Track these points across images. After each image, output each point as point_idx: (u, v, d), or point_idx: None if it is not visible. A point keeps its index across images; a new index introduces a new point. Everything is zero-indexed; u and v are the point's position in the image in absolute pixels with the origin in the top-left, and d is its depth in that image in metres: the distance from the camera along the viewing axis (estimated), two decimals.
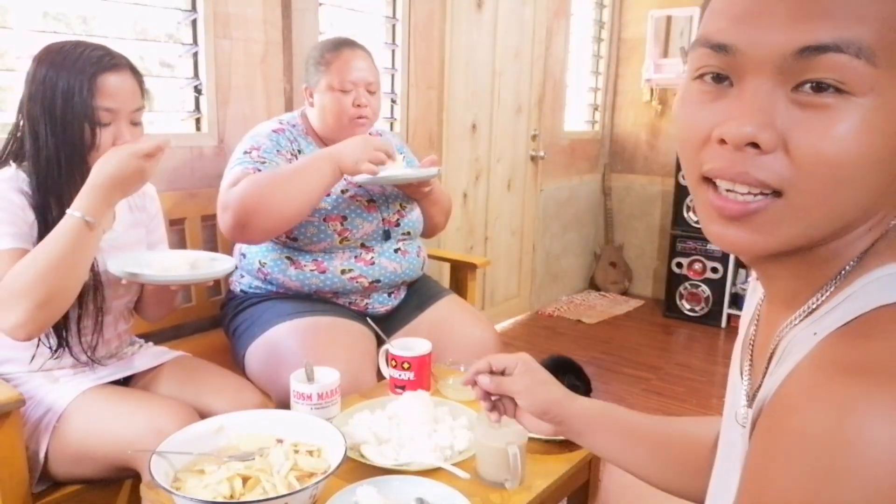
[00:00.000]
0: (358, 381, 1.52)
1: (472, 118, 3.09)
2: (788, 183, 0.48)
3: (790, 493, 0.41)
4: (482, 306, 3.35)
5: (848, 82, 0.45)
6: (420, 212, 1.91)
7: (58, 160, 1.22)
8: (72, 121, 1.21)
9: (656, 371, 2.99)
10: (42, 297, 1.13)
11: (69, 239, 1.15)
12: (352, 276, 1.74)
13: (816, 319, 0.51)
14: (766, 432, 0.47)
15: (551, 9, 3.45)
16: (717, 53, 0.50)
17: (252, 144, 1.70)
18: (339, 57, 1.74)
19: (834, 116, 0.46)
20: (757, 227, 0.50)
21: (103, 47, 1.26)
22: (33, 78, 1.22)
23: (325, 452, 1.11)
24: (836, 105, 0.46)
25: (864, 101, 0.46)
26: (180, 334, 1.95)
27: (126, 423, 1.22)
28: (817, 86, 0.46)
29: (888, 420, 0.38)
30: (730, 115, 0.49)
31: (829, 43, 0.45)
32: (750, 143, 0.48)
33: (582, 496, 1.31)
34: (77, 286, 1.20)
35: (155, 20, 1.93)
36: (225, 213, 1.59)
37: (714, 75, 0.51)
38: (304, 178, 1.58)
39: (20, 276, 1.13)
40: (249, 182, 1.58)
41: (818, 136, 0.46)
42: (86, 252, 1.19)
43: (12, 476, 1.15)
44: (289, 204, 1.57)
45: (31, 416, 1.25)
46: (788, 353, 0.52)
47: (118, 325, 1.42)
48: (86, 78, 1.20)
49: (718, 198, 0.51)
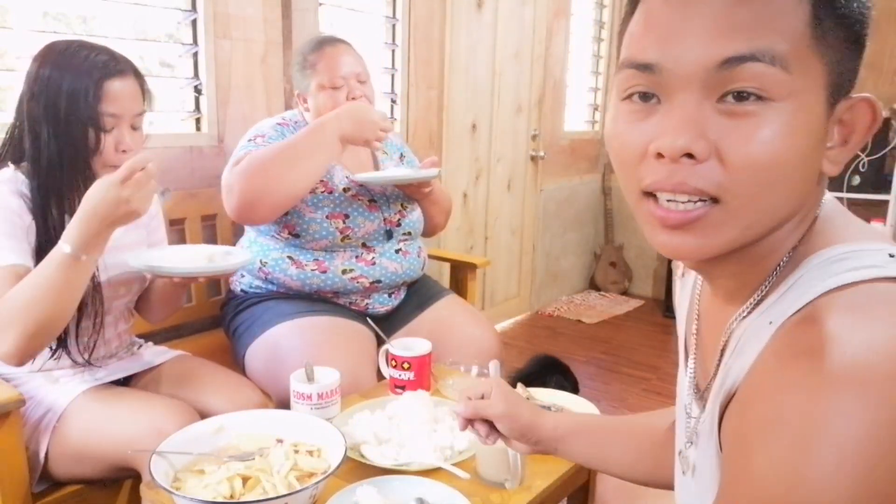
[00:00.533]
0: (358, 381, 1.52)
1: (472, 118, 3.09)
2: (724, 189, 0.51)
3: (770, 474, 0.44)
4: (482, 306, 3.35)
5: (767, 89, 0.49)
6: (420, 212, 1.92)
7: (60, 163, 1.21)
8: (75, 124, 1.20)
9: (656, 371, 2.99)
10: (31, 328, 1.12)
11: (60, 273, 1.12)
12: (353, 276, 1.74)
13: (766, 310, 0.55)
14: (740, 421, 0.50)
15: (551, 9, 3.45)
16: (643, 73, 0.54)
17: (256, 133, 1.71)
18: (322, 56, 1.74)
19: (758, 122, 0.50)
20: (699, 233, 0.53)
21: (107, 50, 1.25)
22: (35, 77, 1.21)
23: (325, 452, 1.11)
24: (758, 111, 0.50)
25: (783, 105, 0.50)
26: (180, 334, 1.95)
27: (126, 423, 1.22)
28: (739, 95, 0.50)
29: (853, 394, 0.42)
30: (663, 130, 0.52)
31: (747, 53, 0.49)
32: (685, 154, 0.51)
33: (582, 496, 1.31)
34: (68, 316, 1.18)
35: (155, 20, 1.93)
36: (230, 195, 1.58)
37: (642, 94, 0.55)
38: (306, 153, 1.58)
39: (10, 306, 1.12)
40: (252, 160, 1.57)
41: (747, 142, 0.50)
42: (76, 284, 1.16)
43: (12, 476, 1.15)
44: (295, 177, 1.56)
45: (31, 417, 1.25)
46: (744, 344, 0.55)
47: (118, 326, 1.42)
48: (92, 83, 1.19)
49: (660, 209, 0.54)
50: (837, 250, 0.52)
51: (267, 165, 1.55)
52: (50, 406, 1.25)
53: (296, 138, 1.61)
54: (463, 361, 1.59)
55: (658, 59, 0.52)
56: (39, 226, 1.21)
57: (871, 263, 0.49)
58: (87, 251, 1.13)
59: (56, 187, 1.22)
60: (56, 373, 1.31)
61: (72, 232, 1.12)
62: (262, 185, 1.55)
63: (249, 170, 1.56)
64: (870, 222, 3.38)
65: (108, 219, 1.13)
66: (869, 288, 0.48)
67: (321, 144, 1.60)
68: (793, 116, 0.50)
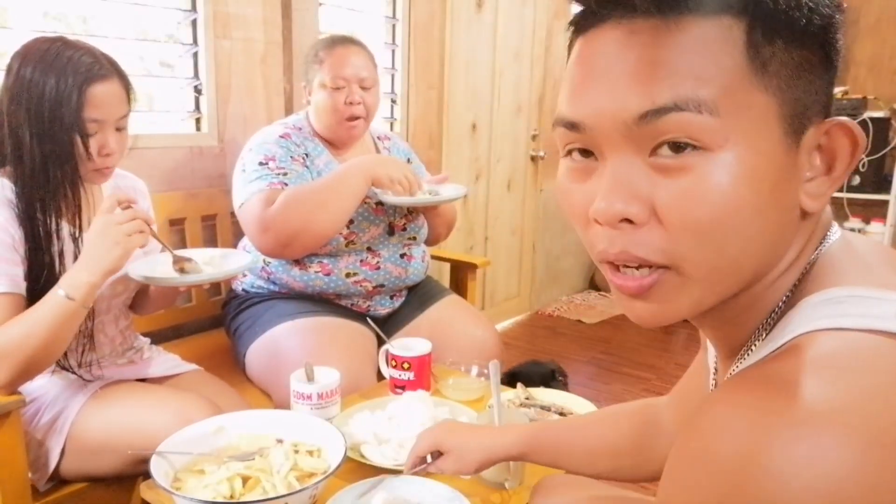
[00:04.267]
0: (358, 381, 1.52)
1: (472, 118, 3.09)
2: (669, 255, 0.46)
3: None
4: (482, 306, 3.35)
5: (700, 139, 0.44)
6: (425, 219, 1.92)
7: (44, 170, 1.19)
8: (59, 131, 1.17)
9: (656, 371, 2.99)
10: (22, 365, 1.13)
11: (55, 316, 1.14)
12: (356, 279, 1.74)
13: (754, 354, 0.50)
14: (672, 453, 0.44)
15: (551, 9, 3.45)
16: (571, 131, 0.49)
17: (265, 154, 1.69)
18: (332, 54, 1.74)
19: (696, 177, 0.44)
20: (658, 300, 0.49)
21: (90, 51, 1.22)
22: (16, 77, 1.17)
23: (325, 452, 1.11)
24: (696, 164, 0.44)
25: (723, 154, 0.44)
26: (180, 334, 1.95)
27: (152, 413, 1.23)
28: (675, 145, 0.45)
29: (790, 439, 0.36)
30: (597, 195, 0.47)
31: (669, 103, 0.44)
32: (623, 220, 0.47)
33: None
34: (60, 351, 1.20)
35: (155, 20, 1.93)
36: (266, 235, 1.60)
37: (581, 150, 0.50)
38: (340, 196, 1.61)
39: (4, 341, 1.12)
40: (287, 202, 1.59)
41: (684, 200, 0.45)
42: (70, 325, 1.17)
43: (12, 476, 1.15)
44: (330, 222, 1.61)
45: (42, 417, 1.25)
46: None
47: (119, 323, 1.42)
48: (75, 87, 1.16)
49: (616, 276, 0.50)
50: (837, 292, 0.46)
51: (305, 208, 1.58)
52: (64, 405, 1.25)
53: (330, 185, 1.63)
54: (463, 361, 1.60)
55: (580, 118, 0.48)
56: (27, 231, 1.19)
57: (877, 314, 0.42)
58: (79, 297, 1.15)
59: (40, 193, 1.20)
60: (70, 374, 1.31)
61: (71, 277, 1.16)
62: (300, 227, 1.59)
63: (287, 212, 1.58)
64: (870, 222, 3.39)
65: (98, 266, 1.16)
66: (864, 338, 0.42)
67: (355, 189, 1.63)
68: (737, 164, 0.44)
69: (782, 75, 0.45)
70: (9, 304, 1.16)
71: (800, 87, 0.46)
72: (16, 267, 1.18)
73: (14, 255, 1.18)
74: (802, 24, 0.45)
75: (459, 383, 1.49)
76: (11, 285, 1.17)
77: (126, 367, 1.42)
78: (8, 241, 1.17)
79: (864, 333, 0.42)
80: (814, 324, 0.44)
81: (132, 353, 1.47)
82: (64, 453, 1.23)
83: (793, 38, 0.45)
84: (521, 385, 1.49)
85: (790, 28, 0.45)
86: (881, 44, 3.34)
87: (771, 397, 0.39)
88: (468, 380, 1.53)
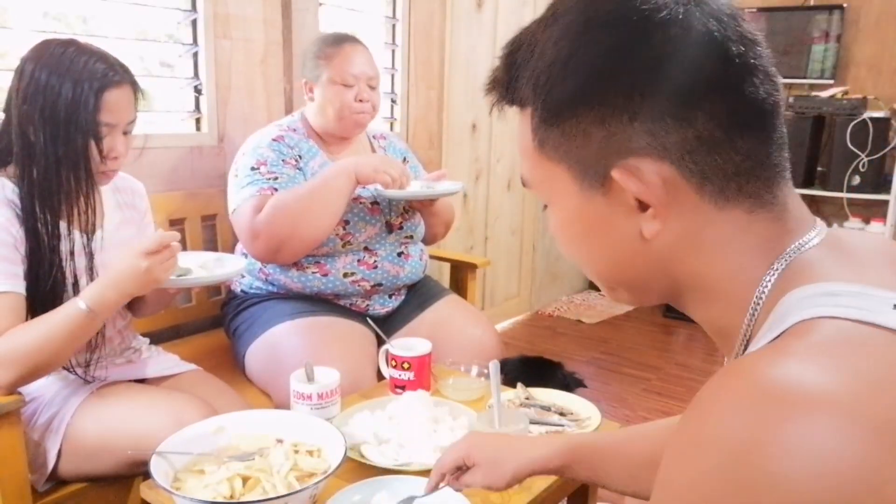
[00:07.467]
0: (358, 381, 1.52)
1: (472, 118, 3.09)
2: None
3: (684, 496, 0.40)
4: (482, 306, 3.35)
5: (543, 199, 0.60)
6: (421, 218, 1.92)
7: (57, 170, 1.20)
8: (74, 134, 1.19)
9: (656, 371, 2.99)
10: (32, 369, 1.15)
11: (72, 327, 1.16)
12: (354, 279, 1.74)
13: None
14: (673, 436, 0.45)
15: None
16: None
17: (258, 159, 1.69)
18: (340, 51, 1.74)
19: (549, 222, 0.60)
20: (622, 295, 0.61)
21: (105, 57, 1.23)
22: (30, 79, 1.18)
23: (325, 452, 1.11)
24: (547, 214, 0.60)
25: (550, 209, 0.59)
26: (180, 334, 1.95)
27: (147, 415, 1.23)
28: None
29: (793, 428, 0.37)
30: None
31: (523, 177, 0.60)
32: None
33: (582, 497, 1.31)
34: (66, 359, 1.22)
35: (155, 20, 1.93)
36: (256, 241, 1.61)
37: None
38: (326, 199, 1.62)
39: (13, 346, 1.13)
40: (275, 208, 1.60)
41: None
42: (87, 336, 1.21)
43: (12, 476, 1.15)
44: (318, 226, 1.61)
45: (40, 417, 1.25)
46: None
47: (116, 323, 1.41)
48: (92, 93, 1.18)
49: None
50: (823, 287, 0.47)
51: (291, 213, 1.59)
52: (61, 405, 1.25)
53: (319, 184, 1.63)
54: (463, 361, 1.59)
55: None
56: (29, 232, 1.20)
57: (864, 306, 0.44)
58: (100, 312, 1.18)
59: (49, 194, 1.20)
60: (68, 374, 1.31)
61: (94, 291, 1.17)
62: (288, 233, 1.60)
63: (274, 219, 1.59)
64: (870, 222, 3.38)
65: (128, 289, 1.18)
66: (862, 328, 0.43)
67: (341, 188, 1.63)
68: (554, 217, 0.59)
69: (560, 146, 0.54)
70: (9, 303, 1.16)
71: (581, 148, 0.52)
72: (16, 266, 1.18)
73: (15, 254, 1.18)
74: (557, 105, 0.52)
75: (459, 383, 1.49)
76: (12, 284, 1.17)
77: (124, 367, 1.42)
78: (9, 240, 1.18)
79: (862, 324, 0.43)
80: (811, 311, 0.45)
81: (130, 353, 1.47)
82: (61, 454, 1.23)
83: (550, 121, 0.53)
84: (521, 385, 1.49)
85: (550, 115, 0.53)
86: (881, 44, 3.33)
87: (771, 382, 0.40)
88: (468, 380, 1.53)
